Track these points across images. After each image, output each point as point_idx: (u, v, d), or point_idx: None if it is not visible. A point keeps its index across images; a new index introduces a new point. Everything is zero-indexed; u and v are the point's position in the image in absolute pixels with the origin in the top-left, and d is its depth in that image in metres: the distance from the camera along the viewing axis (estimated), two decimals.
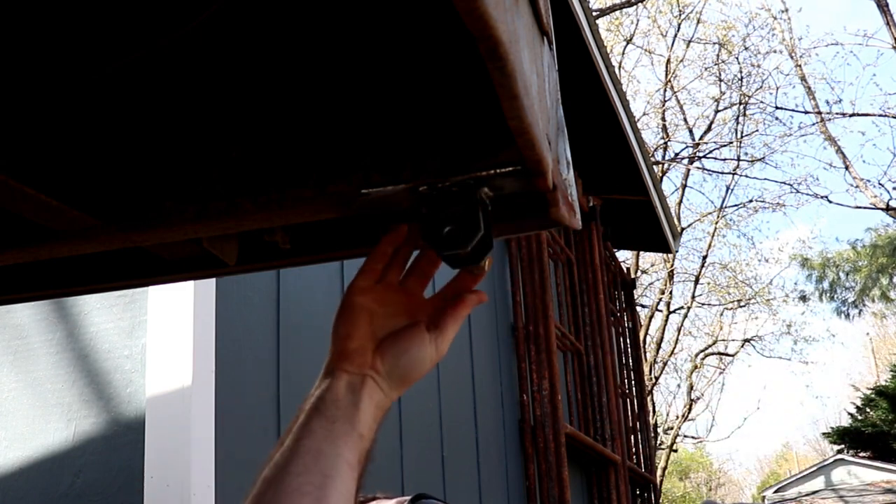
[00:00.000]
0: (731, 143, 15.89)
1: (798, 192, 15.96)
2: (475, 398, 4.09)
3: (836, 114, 14.77)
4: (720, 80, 15.93)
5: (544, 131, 0.69)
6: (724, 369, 20.24)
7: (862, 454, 20.81)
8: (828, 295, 16.60)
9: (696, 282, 17.35)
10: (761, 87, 15.80)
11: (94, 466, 2.00)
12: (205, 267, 0.95)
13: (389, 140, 0.78)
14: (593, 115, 5.31)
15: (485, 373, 4.30)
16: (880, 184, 16.19)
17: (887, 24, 13.34)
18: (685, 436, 19.88)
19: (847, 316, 16.56)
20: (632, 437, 6.79)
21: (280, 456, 0.71)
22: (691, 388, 18.51)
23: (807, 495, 19.92)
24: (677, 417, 18.20)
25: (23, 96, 0.81)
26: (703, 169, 16.28)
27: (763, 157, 15.87)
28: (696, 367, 19.19)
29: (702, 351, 19.48)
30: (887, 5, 13.21)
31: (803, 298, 17.52)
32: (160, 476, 1.93)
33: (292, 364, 2.47)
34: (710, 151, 16.10)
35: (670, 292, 16.76)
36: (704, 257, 17.22)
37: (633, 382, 7.13)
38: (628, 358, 7.17)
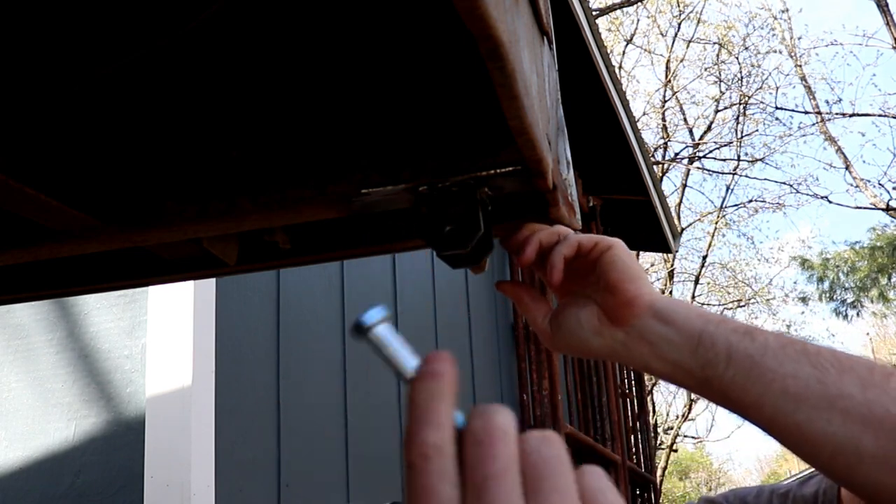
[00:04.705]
0: (731, 143, 15.89)
1: (798, 192, 15.95)
2: (475, 398, 4.09)
3: (836, 114, 14.76)
4: (720, 80, 15.93)
5: (544, 131, 0.69)
6: None
7: None
8: (827, 295, 16.59)
9: (696, 282, 17.34)
10: (761, 87, 15.80)
11: (94, 466, 2.00)
12: (205, 267, 0.95)
13: (389, 140, 0.78)
14: (593, 115, 5.31)
15: (485, 373, 4.30)
16: (880, 184, 16.16)
17: (887, 24, 13.34)
18: (685, 436, 19.86)
19: (846, 316, 16.55)
20: (632, 437, 6.79)
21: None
22: None
23: None
24: (677, 417, 18.18)
25: (23, 96, 0.81)
26: (703, 169, 16.27)
27: (763, 158, 15.86)
28: None
29: None
30: (887, 5, 13.20)
31: (803, 300, 17.52)
32: (160, 476, 1.93)
33: (292, 364, 2.47)
34: (710, 151, 16.10)
35: (670, 292, 16.76)
36: (704, 257, 17.21)
37: (633, 382, 7.12)
38: None
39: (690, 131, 16.31)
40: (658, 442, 15.83)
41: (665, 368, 0.72)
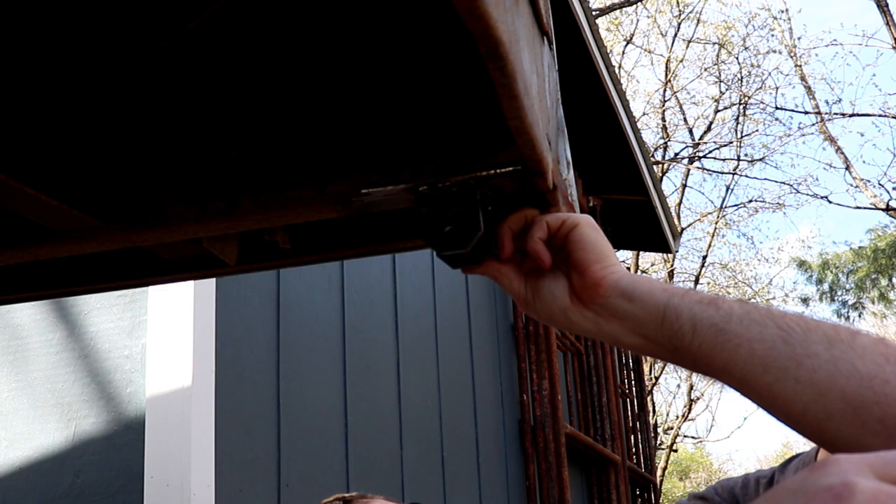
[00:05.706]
0: (731, 143, 15.89)
1: (798, 192, 15.94)
2: (475, 398, 4.09)
3: (836, 114, 14.74)
4: (720, 80, 15.93)
5: (544, 131, 0.69)
6: None
7: None
8: (828, 296, 16.59)
9: (696, 282, 17.33)
10: (761, 87, 15.79)
11: (94, 466, 2.00)
12: (205, 267, 0.95)
13: (389, 140, 0.78)
14: (593, 115, 5.31)
15: (485, 373, 4.30)
16: (880, 184, 16.16)
17: (887, 24, 13.33)
18: (685, 436, 19.85)
19: (847, 318, 16.54)
20: (632, 437, 6.80)
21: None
22: (691, 387, 18.48)
23: None
24: (677, 417, 18.18)
25: (23, 96, 0.81)
26: (703, 169, 16.26)
27: (763, 158, 15.86)
28: None
29: None
30: (887, 5, 13.19)
31: (804, 301, 17.51)
32: (160, 476, 1.93)
33: (292, 364, 2.47)
34: (710, 151, 16.09)
35: None
36: (704, 257, 17.20)
37: (633, 382, 7.13)
38: (628, 358, 7.17)
39: (690, 131, 16.31)
40: (658, 442, 15.83)
41: (636, 342, 0.75)
